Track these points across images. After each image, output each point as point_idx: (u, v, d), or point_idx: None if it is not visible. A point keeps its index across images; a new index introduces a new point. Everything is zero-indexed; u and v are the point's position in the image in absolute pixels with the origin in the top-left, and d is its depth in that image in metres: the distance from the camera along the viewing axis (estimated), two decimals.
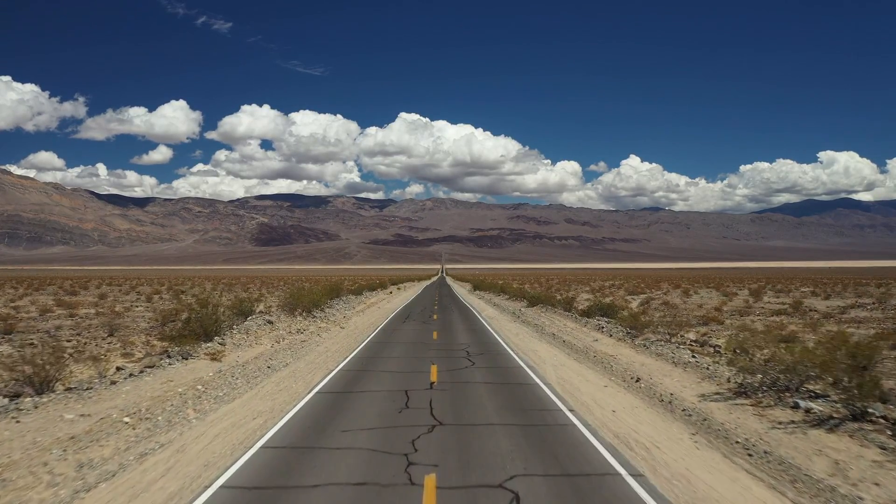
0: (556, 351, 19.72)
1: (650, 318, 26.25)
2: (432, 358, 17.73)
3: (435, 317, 33.57)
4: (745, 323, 26.99)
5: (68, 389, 11.43)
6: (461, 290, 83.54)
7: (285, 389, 13.29)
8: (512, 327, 28.10)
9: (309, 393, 12.80)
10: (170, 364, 14.89)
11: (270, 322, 24.00)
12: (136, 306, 41.82)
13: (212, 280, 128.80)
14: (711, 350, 18.28)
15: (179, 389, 12.35)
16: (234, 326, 21.70)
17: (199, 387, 12.73)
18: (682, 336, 21.21)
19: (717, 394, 12.29)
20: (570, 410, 11.21)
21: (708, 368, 14.47)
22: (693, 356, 16.21)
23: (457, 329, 26.79)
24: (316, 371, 15.72)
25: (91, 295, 55.08)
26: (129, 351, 17.46)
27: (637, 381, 13.91)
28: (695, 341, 20.33)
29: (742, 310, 39.39)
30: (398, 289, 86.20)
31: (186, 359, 15.68)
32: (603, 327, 24.50)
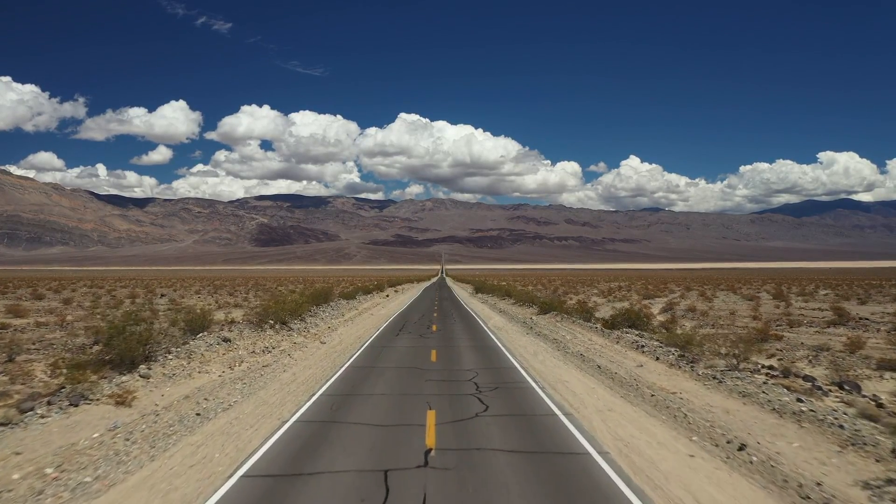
0: (593, 382, 14.95)
1: (692, 331, 21.55)
2: (429, 396, 12.99)
3: (434, 328, 28.81)
4: (824, 342, 22.13)
5: None
6: (462, 293, 78.80)
7: (200, 465, 8.54)
8: (527, 343, 23.32)
9: (233, 475, 8.05)
10: (42, 417, 10.13)
11: (226, 340, 19.17)
12: (96, 313, 37.03)
13: (202, 281, 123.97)
14: (807, 385, 13.49)
15: (16, 475, 7.59)
16: (176, 348, 16.91)
17: (51, 468, 7.94)
18: (749, 359, 16.41)
19: (893, 482, 7.54)
20: None
21: (841, 425, 9.70)
22: (799, 399, 11.44)
23: (461, 346, 22.03)
24: (262, 422, 10.97)
25: (58, 299, 50.27)
26: (11, 388, 12.74)
27: (741, 448, 9.14)
28: (773, 368, 15.56)
29: (785, 318, 34.57)
30: (395, 291, 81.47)
31: (76, 404, 10.92)
32: (643, 345, 19.71)
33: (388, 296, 67.44)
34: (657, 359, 17.43)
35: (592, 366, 17.16)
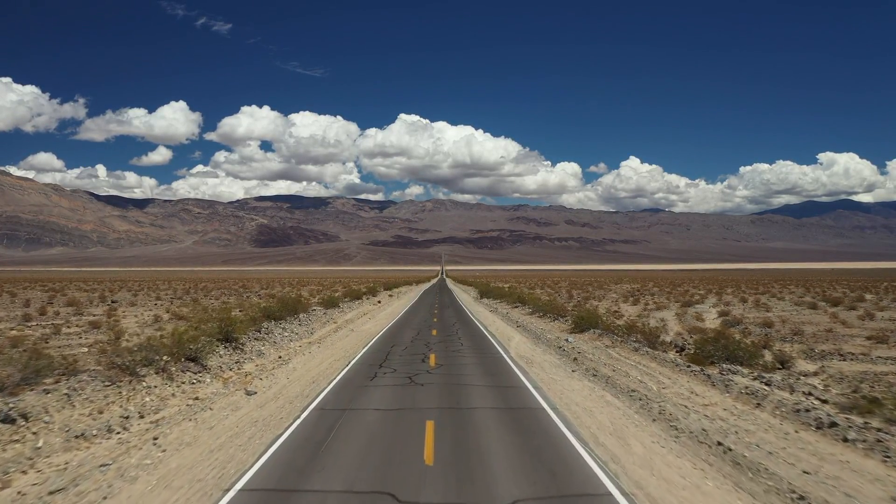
0: None
1: (832, 371, 12.42)
2: None
3: (432, 359, 19.48)
4: None
5: None
6: (466, 298, 69.47)
7: None
8: (587, 398, 13.97)
9: None
10: None
11: (15, 419, 9.82)
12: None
13: (187, 283, 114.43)
14: None
15: None
16: None
17: None
18: None
19: None
20: None
21: None
22: None
23: (477, 408, 12.65)
24: None
25: None
26: None
27: None
28: None
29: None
30: (390, 296, 72.21)
31: None
32: (837, 424, 10.40)
33: (379, 302, 58.18)
34: (885, 458, 8.14)
35: (780, 490, 7.84)
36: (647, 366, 17.59)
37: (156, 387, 13.31)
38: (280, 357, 20.36)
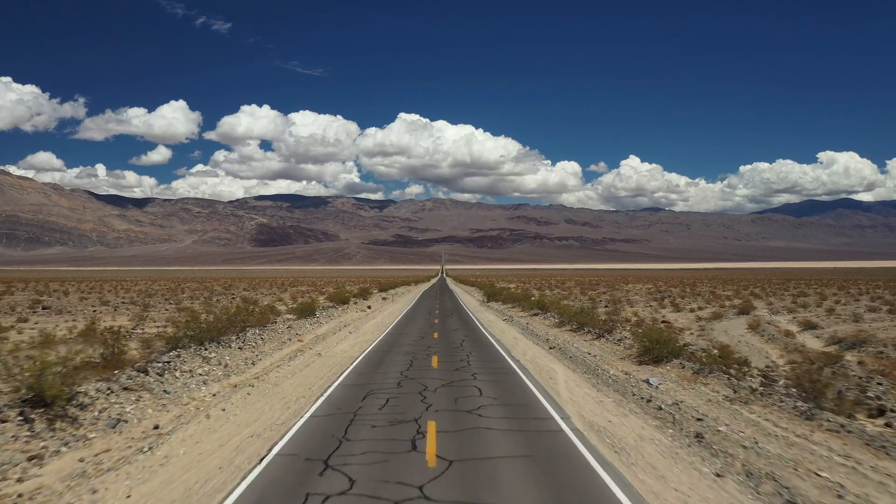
0: None
1: None
2: None
3: (431, 442, 10.20)
4: None
5: None
6: (470, 302, 60.23)
7: None
8: None
9: None
10: None
11: None
12: None
13: (172, 282, 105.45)
14: None
15: None
16: None
17: None
18: None
19: None
20: None
21: None
22: None
23: None
24: None
25: None
26: None
27: None
28: None
29: None
30: (384, 299, 63.02)
31: None
32: None
33: (370, 307, 48.95)
34: None
35: None
36: (877, 468, 8.45)
37: None
38: (156, 427, 11.19)
